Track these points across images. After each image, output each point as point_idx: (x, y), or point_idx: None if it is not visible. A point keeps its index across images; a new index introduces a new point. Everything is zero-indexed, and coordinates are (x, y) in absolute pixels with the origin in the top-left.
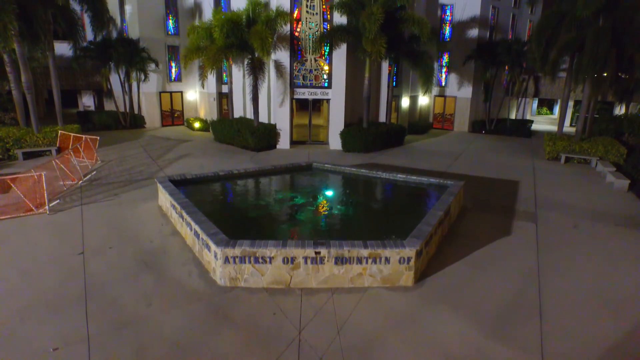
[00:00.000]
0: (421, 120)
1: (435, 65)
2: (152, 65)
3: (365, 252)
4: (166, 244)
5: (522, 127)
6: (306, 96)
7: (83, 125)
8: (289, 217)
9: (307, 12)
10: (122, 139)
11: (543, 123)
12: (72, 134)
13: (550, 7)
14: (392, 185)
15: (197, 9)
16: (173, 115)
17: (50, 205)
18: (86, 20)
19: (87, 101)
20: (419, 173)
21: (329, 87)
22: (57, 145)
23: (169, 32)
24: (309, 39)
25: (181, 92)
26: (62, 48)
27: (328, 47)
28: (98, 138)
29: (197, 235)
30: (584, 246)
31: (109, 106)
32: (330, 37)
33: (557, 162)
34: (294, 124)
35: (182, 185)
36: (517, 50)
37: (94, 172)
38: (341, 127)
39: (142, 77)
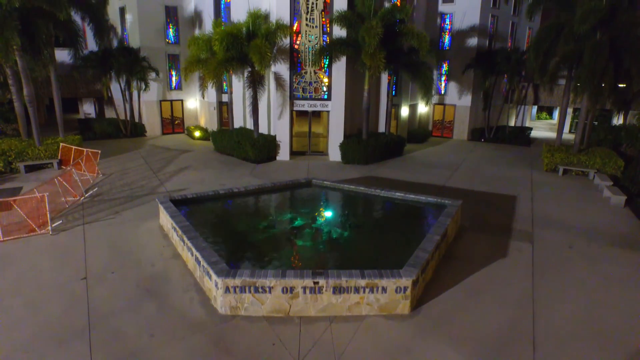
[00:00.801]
0: (420, 129)
1: (435, 73)
2: (153, 74)
3: (362, 282)
4: (167, 268)
5: (522, 135)
6: (306, 108)
7: (84, 133)
8: (289, 241)
9: (306, 25)
10: (123, 148)
11: (542, 129)
12: (74, 147)
13: (549, 17)
14: (390, 204)
15: (197, 18)
16: (173, 122)
17: (53, 225)
18: (87, 28)
19: (87, 108)
20: (417, 189)
21: (329, 99)
22: (59, 157)
23: (169, 41)
24: (309, 52)
25: (181, 101)
26: (63, 55)
27: (328, 60)
28: (99, 152)
29: (198, 261)
30: (578, 270)
31: (109, 113)
32: (329, 50)
33: (555, 173)
34: (293, 132)
35: (182, 205)
36: (516, 59)
37: (96, 189)
38: (341, 138)
39: (143, 86)
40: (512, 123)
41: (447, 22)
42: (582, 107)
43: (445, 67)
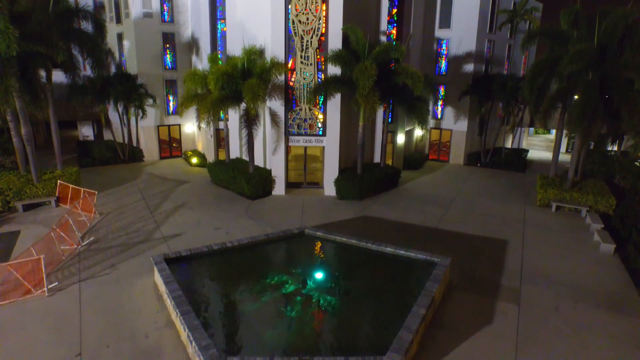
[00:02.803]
0: (417, 153)
1: (431, 98)
2: (150, 101)
3: None
4: (161, 339)
5: (517, 159)
6: (301, 144)
7: (82, 159)
8: (278, 313)
9: (301, 62)
10: (120, 178)
11: (539, 147)
12: (71, 186)
13: (544, 47)
14: (380, 261)
15: (194, 44)
16: (171, 145)
17: (49, 287)
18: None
19: (86, 131)
20: (409, 232)
21: (324, 135)
22: (57, 195)
23: (167, 67)
24: (304, 89)
25: (179, 125)
26: (61, 76)
27: (322, 97)
28: (95, 193)
29: (190, 340)
30: (563, 341)
31: (108, 135)
32: (324, 88)
33: (548, 209)
34: (289, 157)
35: (176, 262)
36: (512, 87)
37: (92, 238)
38: (335, 174)
39: (140, 113)
40: (509, 144)
41: (444, 47)
42: (575, 144)
43: (441, 91)
